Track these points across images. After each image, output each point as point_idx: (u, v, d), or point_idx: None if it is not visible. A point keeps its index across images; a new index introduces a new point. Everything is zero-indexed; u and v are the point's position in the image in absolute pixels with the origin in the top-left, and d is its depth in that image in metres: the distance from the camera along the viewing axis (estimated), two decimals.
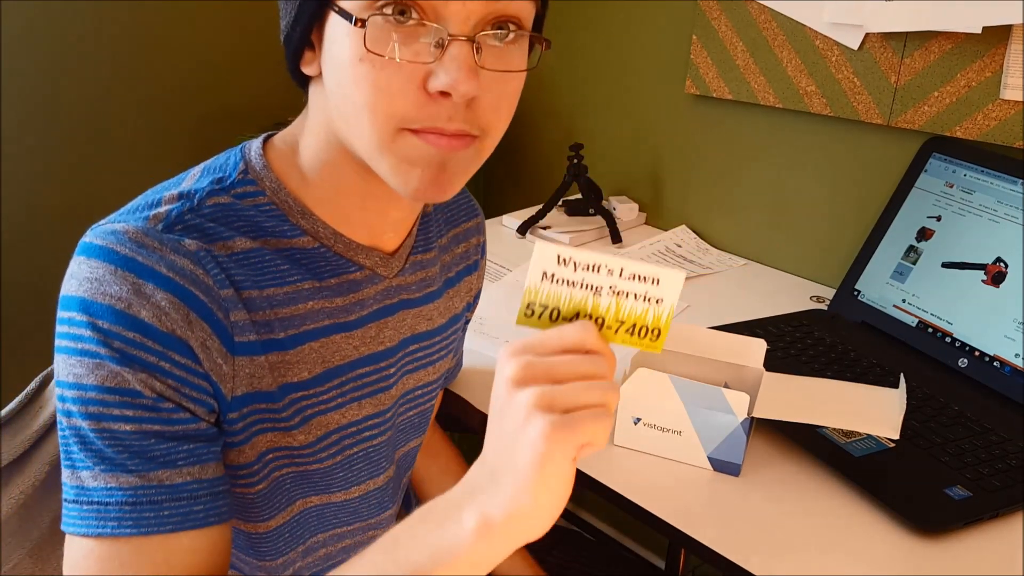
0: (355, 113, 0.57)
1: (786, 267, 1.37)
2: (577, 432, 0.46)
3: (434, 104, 0.56)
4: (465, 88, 0.55)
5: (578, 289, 0.51)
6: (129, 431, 0.56)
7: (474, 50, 0.55)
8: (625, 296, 0.51)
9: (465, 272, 0.83)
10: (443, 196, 0.60)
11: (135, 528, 0.56)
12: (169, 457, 0.57)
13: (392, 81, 0.55)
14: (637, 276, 0.50)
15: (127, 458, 0.56)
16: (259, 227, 0.63)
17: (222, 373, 0.59)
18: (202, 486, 0.59)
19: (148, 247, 0.57)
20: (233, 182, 0.63)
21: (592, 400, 0.48)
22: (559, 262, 0.50)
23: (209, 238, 0.60)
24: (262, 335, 0.62)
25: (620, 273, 0.50)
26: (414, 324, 0.74)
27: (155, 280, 0.56)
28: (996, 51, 1.07)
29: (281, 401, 0.64)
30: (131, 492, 0.56)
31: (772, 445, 0.87)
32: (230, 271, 0.60)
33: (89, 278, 0.56)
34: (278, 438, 0.65)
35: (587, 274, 0.50)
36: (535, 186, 1.76)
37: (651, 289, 0.51)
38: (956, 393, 0.96)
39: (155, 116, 1.56)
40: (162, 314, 0.56)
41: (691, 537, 0.74)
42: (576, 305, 0.51)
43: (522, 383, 0.48)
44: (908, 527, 0.76)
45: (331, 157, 0.63)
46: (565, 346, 0.50)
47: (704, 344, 0.89)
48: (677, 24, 1.42)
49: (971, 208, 1.06)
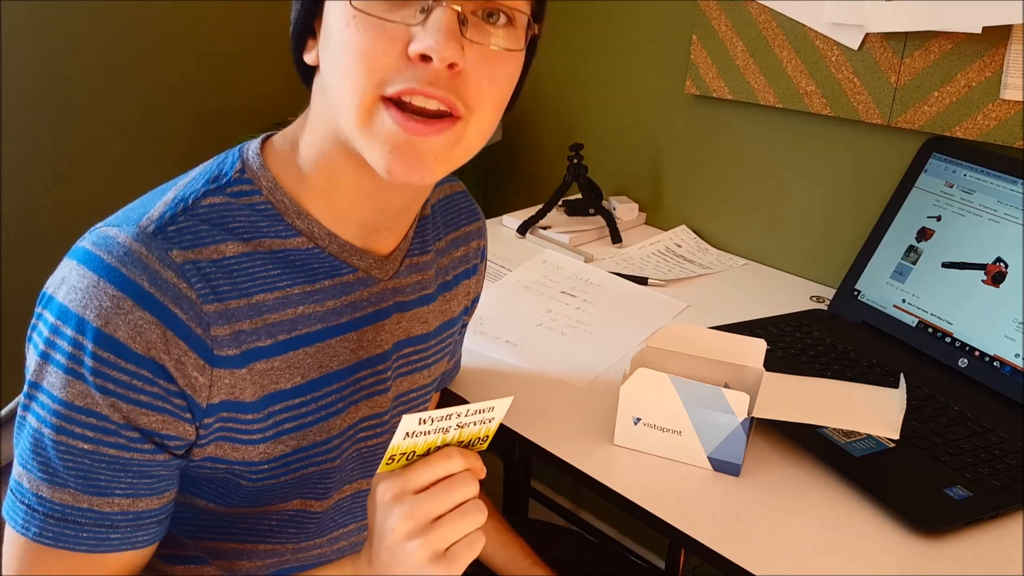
0: (339, 82, 0.58)
1: (786, 267, 1.37)
2: (460, 563, 0.59)
3: (414, 68, 0.56)
4: (445, 52, 0.55)
5: (432, 435, 0.59)
6: (86, 450, 0.58)
7: (459, 20, 0.56)
8: (467, 426, 0.60)
9: (463, 276, 0.82)
10: (421, 177, 0.59)
11: (52, 541, 0.59)
12: (109, 486, 0.59)
13: (375, 43, 0.56)
14: (478, 411, 0.60)
15: (71, 475, 0.58)
16: (254, 227, 0.63)
17: (197, 385, 0.60)
18: (127, 518, 0.60)
19: (135, 257, 0.58)
20: (229, 180, 0.64)
21: (470, 528, 0.59)
22: (420, 422, 0.57)
23: (200, 242, 0.60)
24: (246, 346, 0.62)
25: (465, 413, 0.59)
26: (408, 327, 0.74)
27: (135, 296, 0.57)
28: (996, 51, 1.07)
29: (263, 411, 0.64)
30: (59, 508, 0.59)
31: (772, 445, 0.87)
32: (216, 283, 0.60)
33: (75, 287, 0.57)
34: (270, 448, 0.65)
35: (440, 423, 0.58)
36: (535, 186, 1.76)
37: (486, 415, 0.60)
38: (956, 393, 0.96)
39: (156, 116, 1.56)
40: (138, 335, 0.57)
41: (691, 537, 0.74)
42: (429, 444, 0.59)
43: (410, 536, 0.58)
44: (908, 527, 0.76)
45: (328, 150, 0.63)
46: (436, 476, 0.59)
47: (704, 344, 0.89)
48: (677, 24, 1.42)
49: (971, 208, 1.06)
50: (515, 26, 0.60)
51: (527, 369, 1.00)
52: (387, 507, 0.58)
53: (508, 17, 0.59)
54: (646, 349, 0.89)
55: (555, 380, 0.98)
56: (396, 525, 0.58)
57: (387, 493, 0.59)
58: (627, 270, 1.30)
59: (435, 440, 0.59)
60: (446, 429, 0.59)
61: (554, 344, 1.06)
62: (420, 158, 0.58)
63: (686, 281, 1.29)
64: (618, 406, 0.84)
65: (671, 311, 1.18)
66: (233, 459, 0.64)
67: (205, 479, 0.66)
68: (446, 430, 0.59)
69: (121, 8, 1.46)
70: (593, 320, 1.14)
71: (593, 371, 1.00)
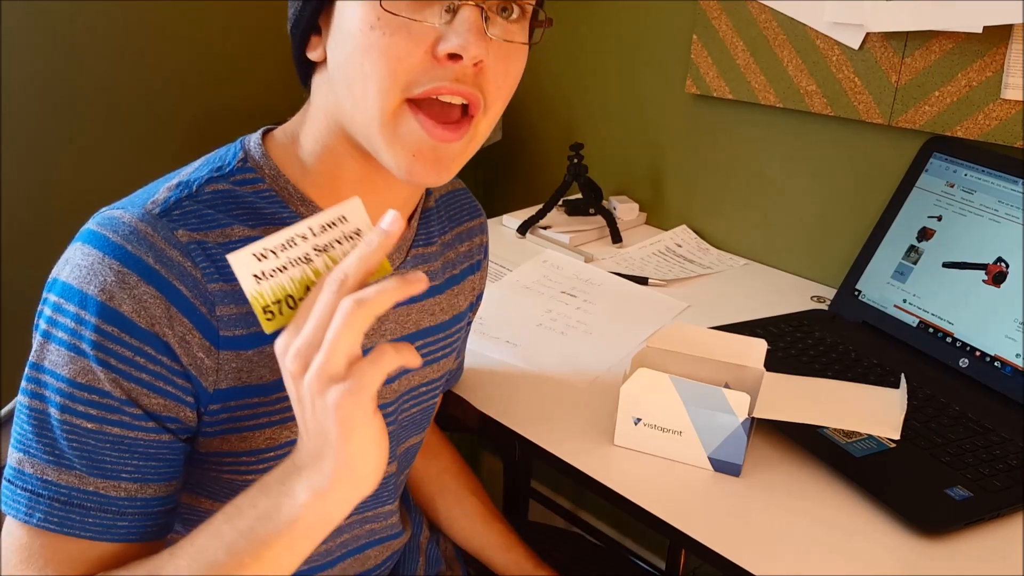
0: (362, 84, 0.58)
1: (786, 267, 1.37)
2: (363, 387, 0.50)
3: (441, 67, 0.57)
4: (475, 51, 0.56)
5: (292, 269, 0.54)
6: (90, 428, 0.57)
7: (483, 17, 0.57)
8: (331, 247, 0.54)
9: (469, 271, 0.83)
10: (439, 179, 0.61)
11: (58, 527, 0.58)
12: (115, 468, 0.59)
13: (401, 46, 0.56)
14: (324, 226, 0.54)
15: (76, 456, 0.58)
16: (258, 213, 0.63)
17: (203, 367, 0.60)
18: (134, 504, 0.60)
19: (140, 235, 0.58)
20: (232, 169, 0.64)
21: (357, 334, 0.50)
22: (259, 259, 0.53)
23: (206, 225, 0.61)
24: (254, 327, 0.62)
25: (312, 233, 0.54)
26: (418, 319, 0.74)
27: (140, 271, 0.57)
28: (997, 51, 1.07)
29: (273, 395, 0.64)
30: (65, 491, 0.58)
31: (772, 445, 0.87)
32: (222, 264, 0.60)
33: (80, 265, 0.57)
34: (276, 433, 0.65)
35: (288, 251, 0.53)
36: (535, 186, 1.76)
37: (344, 227, 0.55)
38: (957, 393, 0.96)
39: (156, 116, 1.56)
40: (142, 309, 0.57)
41: (691, 537, 0.74)
42: (302, 281, 0.54)
43: (299, 374, 0.52)
44: (909, 527, 0.76)
45: (331, 143, 0.64)
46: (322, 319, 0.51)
47: (704, 344, 0.89)
48: (677, 24, 1.42)
49: (972, 208, 1.06)
50: (525, 19, 0.61)
51: (527, 369, 1.00)
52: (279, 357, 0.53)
53: (521, 10, 0.60)
54: (646, 349, 0.89)
55: (555, 380, 0.98)
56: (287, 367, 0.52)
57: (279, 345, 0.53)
58: (627, 270, 1.30)
59: (303, 275, 0.54)
60: (303, 257, 0.54)
61: (554, 344, 1.06)
62: (441, 163, 0.60)
63: (686, 281, 1.29)
64: (618, 406, 0.84)
65: (671, 311, 1.18)
66: (240, 450, 0.64)
67: (209, 479, 0.66)
68: (304, 257, 0.54)
69: (121, 8, 1.46)
70: (593, 320, 1.14)
71: (593, 371, 1.00)
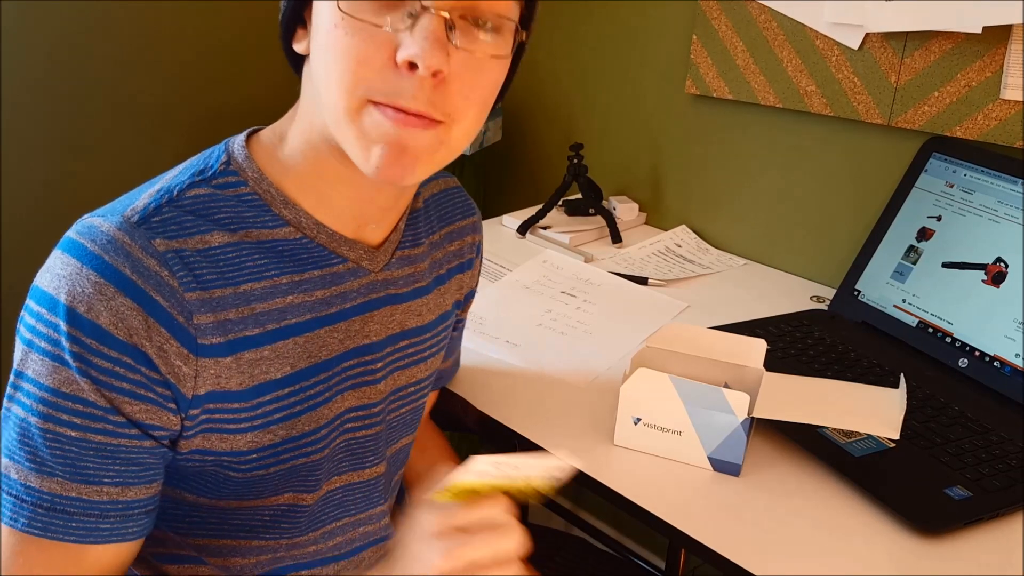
0: (326, 81, 0.58)
1: (786, 267, 1.37)
2: None
3: (400, 78, 0.56)
4: (431, 60, 0.55)
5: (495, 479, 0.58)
6: (73, 437, 0.58)
7: (446, 27, 0.56)
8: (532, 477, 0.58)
9: (458, 270, 0.83)
10: (404, 178, 0.60)
11: (42, 532, 0.59)
12: (98, 474, 0.59)
13: (362, 48, 0.56)
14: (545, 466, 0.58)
15: (59, 464, 0.58)
16: (240, 218, 0.63)
17: (182, 375, 0.60)
18: (116, 507, 0.60)
19: (118, 245, 0.58)
20: (215, 173, 0.64)
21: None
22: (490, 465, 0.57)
23: (185, 232, 0.61)
24: (232, 335, 0.62)
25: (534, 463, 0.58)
26: (403, 320, 0.74)
27: (117, 282, 0.57)
28: (996, 51, 1.07)
29: (251, 400, 0.64)
30: (48, 498, 0.59)
31: (772, 445, 0.87)
32: (200, 272, 0.60)
33: (59, 275, 0.58)
34: (259, 437, 0.65)
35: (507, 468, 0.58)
36: (535, 186, 1.76)
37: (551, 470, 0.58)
38: (956, 393, 0.96)
39: (157, 116, 1.56)
40: (120, 320, 0.57)
41: (691, 537, 0.74)
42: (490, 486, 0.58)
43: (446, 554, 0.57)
44: (908, 527, 0.76)
45: (315, 139, 0.64)
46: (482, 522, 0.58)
47: (704, 344, 0.89)
48: (677, 24, 1.42)
49: (971, 208, 1.06)
50: (503, 32, 0.60)
51: (527, 369, 1.00)
52: (430, 539, 0.59)
53: (495, 23, 0.59)
54: (646, 349, 0.89)
55: (555, 380, 0.98)
56: (437, 560, 0.57)
57: (432, 524, 0.59)
58: (627, 270, 1.30)
59: (497, 483, 0.59)
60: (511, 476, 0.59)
61: (554, 344, 1.06)
62: (408, 154, 0.59)
63: (686, 281, 1.29)
64: (618, 406, 0.84)
65: (671, 311, 1.18)
66: (221, 450, 0.64)
67: (193, 473, 0.66)
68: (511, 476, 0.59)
69: (122, 8, 1.46)
70: (593, 320, 1.14)
71: (593, 371, 1.00)
